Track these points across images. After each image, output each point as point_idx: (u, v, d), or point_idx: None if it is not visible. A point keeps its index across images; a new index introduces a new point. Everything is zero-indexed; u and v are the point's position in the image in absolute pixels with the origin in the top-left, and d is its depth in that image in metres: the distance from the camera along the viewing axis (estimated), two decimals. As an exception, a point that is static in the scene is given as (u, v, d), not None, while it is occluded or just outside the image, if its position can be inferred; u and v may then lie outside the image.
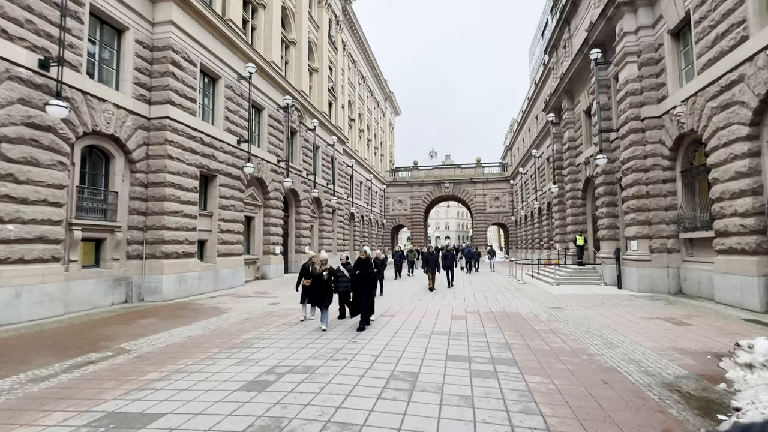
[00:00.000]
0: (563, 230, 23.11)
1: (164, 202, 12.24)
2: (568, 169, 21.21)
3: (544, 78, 29.74)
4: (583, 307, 10.29)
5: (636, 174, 13.09)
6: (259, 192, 18.87)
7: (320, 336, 7.17)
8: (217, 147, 14.91)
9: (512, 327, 7.82)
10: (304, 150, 23.66)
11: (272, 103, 19.70)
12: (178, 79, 12.90)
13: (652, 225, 12.82)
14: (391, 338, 6.83)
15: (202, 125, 14.17)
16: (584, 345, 6.40)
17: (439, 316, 9.09)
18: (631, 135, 13.27)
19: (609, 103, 16.02)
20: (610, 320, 8.41)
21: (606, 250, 15.71)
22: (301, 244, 22.94)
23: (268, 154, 19.12)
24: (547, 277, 17.54)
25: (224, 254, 15.18)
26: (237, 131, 16.29)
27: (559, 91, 21.40)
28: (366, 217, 40.67)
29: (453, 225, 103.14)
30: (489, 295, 13.05)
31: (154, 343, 6.92)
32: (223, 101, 15.58)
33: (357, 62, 39.30)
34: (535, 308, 10.22)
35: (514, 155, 47.77)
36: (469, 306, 10.65)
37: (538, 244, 33.34)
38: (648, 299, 11.31)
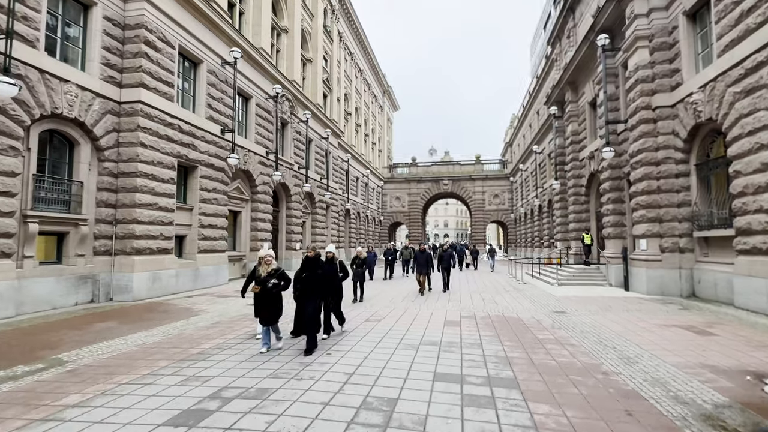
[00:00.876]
0: (565, 228, 22.19)
1: (136, 194, 11.28)
2: (570, 165, 20.27)
3: (546, 71, 28.76)
4: (589, 311, 9.37)
5: (646, 168, 12.15)
6: (246, 185, 17.91)
7: (290, 346, 6.23)
8: (197, 136, 13.93)
9: (512, 335, 6.89)
10: (296, 143, 22.68)
11: (261, 92, 18.71)
12: (153, 61, 11.92)
13: (663, 222, 11.90)
14: (372, 349, 5.90)
15: (181, 112, 13.19)
16: (597, 359, 5.47)
17: (430, 321, 8.16)
18: (642, 126, 12.33)
19: (616, 93, 15.07)
20: (622, 327, 7.49)
21: (612, 249, 14.79)
22: (292, 241, 22.01)
23: (256, 145, 18.15)
24: (549, 277, 16.62)
25: (205, 250, 14.24)
26: (221, 120, 15.31)
27: (563, 82, 20.43)
28: (362, 213, 39.73)
29: (452, 223, 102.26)
30: (487, 296, 12.13)
31: (100, 352, 5.99)
32: (205, 87, 14.60)
33: (354, 54, 38.26)
34: (537, 312, 9.30)
35: (514, 152, 46.82)
36: (465, 309, 9.73)
37: (538, 242, 32.44)
38: (659, 303, 10.39)
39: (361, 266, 11.13)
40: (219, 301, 11.30)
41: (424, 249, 12.52)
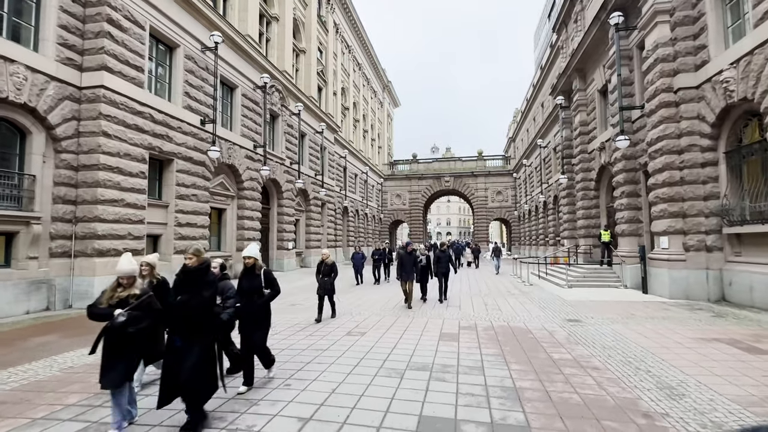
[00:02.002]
0: (572, 225, 20.92)
1: (98, 189, 10.13)
2: (578, 157, 19.00)
3: (551, 60, 27.44)
4: (608, 319, 8.15)
5: (667, 157, 10.89)
6: (231, 181, 16.75)
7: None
8: (173, 126, 12.77)
9: (521, 354, 5.68)
10: (288, 136, 21.50)
11: (247, 82, 17.53)
12: (118, 42, 10.75)
13: (687, 218, 10.64)
14: (346, 377, 4.70)
15: (153, 100, 12.02)
16: (631, 391, 4.26)
17: (423, 334, 6.97)
18: (662, 110, 11.06)
19: (630, 78, 13.78)
20: (652, 342, 6.27)
21: (626, 247, 13.53)
22: (284, 240, 20.85)
23: (242, 138, 16.97)
24: (557, 278, 15.38)
25: (183, 251, 13.05)
26: (200, 110, 14.14)
27: (570, 69, 19.13)
28: (361, 211, 38.55)
29: (454, 221, 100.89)
30: (489, 300, 10.91)
31: (11, 379, 4.84)
32: (182, 74, 13.43)
33: (351, 47, 37.02)
34: (548, 321, 8.08)
35: (518, 147, 45.48)
36: (465, 317, 8.52)
37: (543, 240, 31.17)
38: (686, 309, 9.15)
39: (328, 274, 8.32)
40: (191, 307, 10.13)
41: (412, 249, 10.00)
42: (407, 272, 9.74)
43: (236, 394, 4.21)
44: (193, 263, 3.61)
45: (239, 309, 4.38)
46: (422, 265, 10.27)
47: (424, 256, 10.41)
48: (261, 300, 4.49)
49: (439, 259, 10.85)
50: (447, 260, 10.93)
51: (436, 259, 10.91)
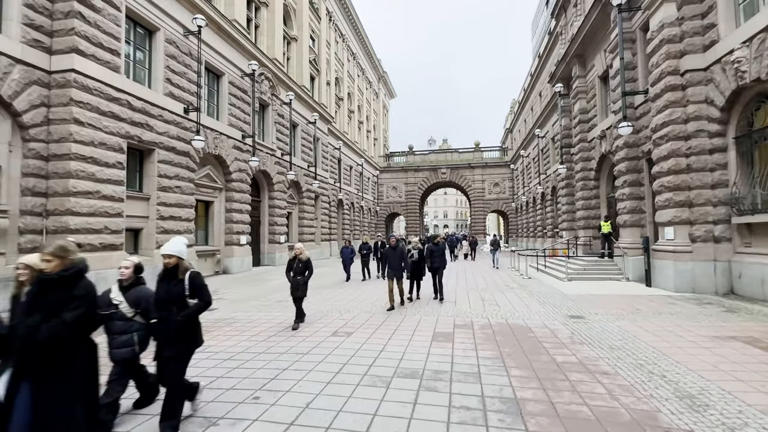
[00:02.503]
0: (571, 216, 20.45)
1: (70, 180, 9.50)
2: (578, 147, 18.45)
3: (549, 48, 26.76)
4: (612, 315, 7.65)
5: (673, 143, 10.35)
6: (219, 172, 16.12)
7: (202, 371, 4.50)
8: (154, 114, 12.11)
9: (521, 356, 5.16)
10: (278, 126, 20.82)
11: (235, 69, 16.82)
12: (90, 23, 10.05)
13: (693, 207, 10.13)
14: (324, 387, 4.17)
15: (131, 86, 11.35)
16: (648, 402, 3.75)
17: (416, 333, 6.44)
18: (668, 94, 10.50)
19: (633, 62, 13.19)
20: (663, 341, 5.76)
21: (628, 238, 13.04)
22: (276, 233, 20.28)
23: (230, 128, 16.31)
24: (556, 270, 14.91)
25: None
26: (184, 97, 13.46)
27: (569, 55, 18.51)
28: (357, 204, 37.95)
29: (452, 213, 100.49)
30: (486, 295, 10.41)
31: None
32: (163, 59, 12.73)
33: (345, 36, 36.15)
34: (549, 317, 7.58)
35: (515, 138, 44.90)
36: (461, 314, 8.00)
37: (540, 232, 30.72)
38: (694, 303, 8.67)
39: (301, 272, 7.17)
40: (172, 305, 9.57)
41: (396, 243, 8.83)
42: (394, 269, 8.52)
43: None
44: (52, 268, 2.54)
45: (152, 327, 3.39)
46: (414, 260, 9.41)
47: (415, 250, 9.56)
48: (182, 315, 3.26)
49: (432, 253, 9.76)
50: (441, 254, 9.82)
51: (429, 252, 9.80)
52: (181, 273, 3.39)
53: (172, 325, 3.24)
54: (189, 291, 3.35)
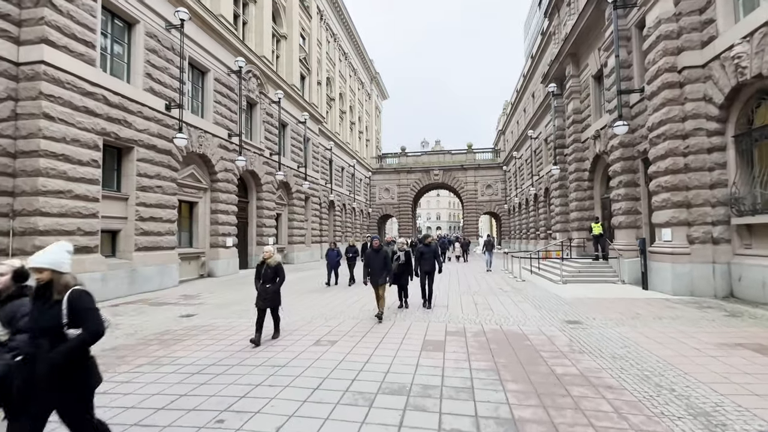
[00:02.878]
0: (565, 218, 20.20)
1: (39, 179, 8.96)
2: (572, 147, 18.20)
3: (542, 48, 26.59)
4: (611, 320, 7.29)
5: (671, 142, 10.07)
6: (204, 172, 15.58)
7: (144, 399, 4.03)
8: (132, 111, 11.58)
9: (518, 368, 4.76)
10: (267, 125, 20.32)
11: (221, 66, 16.31)
12: (62, 13, 9.52)
13: (692, 208, 9.85)
14: (299, 407, 3.71)
15: (107, 80, 10.82)
16: (659, 422, 3.36)
17: (404, 342, 6.01)
18: (665, 92, 10.22)
19: (628, 60, 12.93)
20: (668, 349, 5.40)
21: (624, 240, 12.76)
22: (264, 235, 19.75)
23: (215, 126, 15.79)
24: (551, 273, 14.58)
25: (146, 248, 11.94)
26: (166, 94, 12.94)
27: (563, 54, 18.28)
28: (349, 205, 37.47)
29: (444, 215, 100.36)
30: (480, 299, 10.02)
31: None
32: (143, 54, 12.20)
33: (337, 36, 35.74)
34: (545, 323, 7.20)
35: (508, 140, 44.76)
36: (453, 320, 7.60)
37: (533, 234, 30.52)
38: (694, 307, 8.35)
39: (271, 280, 6.25)
40: (149, 310, 9.05)
41: (379, 245, 7.90)
42: (376, 274, 7.61)
43: None
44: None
45: (19, 365, 2.40)
46: (400, 263, 8.33)
47: (402, 252, 8.43)
48: (55, 353, 2.32)
49: (423, 255, 8.81)
50: (432, 256, 8.84)
51: (419, 254, 8.87)
52: (58, 292, 2.41)
53: (38, 367, 2.32)
54: (68, 317, 2.38)
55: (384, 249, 7.92)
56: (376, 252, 7.77)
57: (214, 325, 7.41)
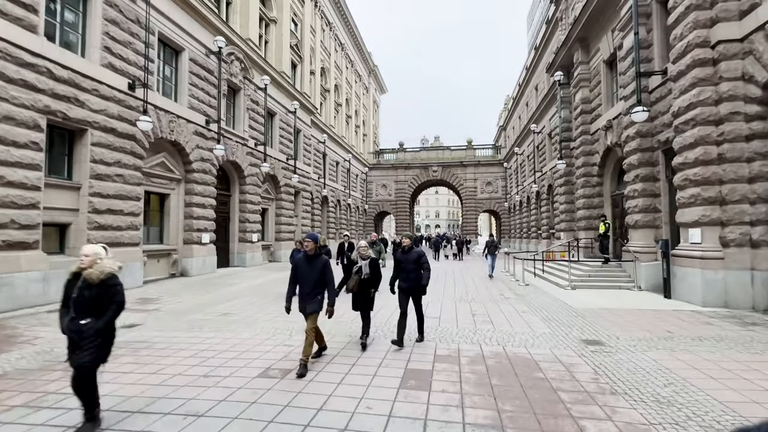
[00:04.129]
0: (570, 216, 18.87)
1: (-41, 161, 7.57)
2: (579, 140, 16.83)
3: (547, 37, 25.17)
4: (639, 340, 5.93)
5: (701, 129, 8.69)
6: (177, 161, 14.18)
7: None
8: (86, 88, 10.17)
9: (530, 422, 3.40)
10: (252, 113, 18.90)
11: (197, 45, 14.88)
12: (-7, -33, 8.11)
13: (726, 205, 8.48)
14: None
15: (54, 51, 9.40)
16: None
17: (380, 371, 4.66)
18: (695, 70, 8.83)
19: (647, 40, 11.54)
20: (731, 389, 4.04)
21: (640, 241, 11.40)
22: (248, 231, 18.37)
23: (190, 111, 14.38)
24: (557, 276, 13.23)
25: (102, 244, 10.52)
26: (128, 71, 11.52)
27: (571, 39, 16.87)
28: (344, 202, 36.09)
29: (443, 213, 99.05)
30: (478, 308, 8.66)
31: None
32: (101, 24, 10.78)
33: (333, 25, 34.26)
34: (559, 344, 5.84)
35: (509, 136, 43.38)
36: (444, 337, 6.24)
37: (535, 233, 29.18)
38: (734, 323, 7.00)
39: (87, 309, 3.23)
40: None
41: (318, 250, 5.02)
42: (306, 294, 4.78)
43: None
44: None
45: None
46: (363, 277, 5.59)
47: (365, 262, 5.64)
48: None
49: (401, 264, 5.80)
50: (415, 266, 5.73)
51: (397, 264, 5.89)
52: None
53: None
54: None
55: (323, 256, 4.97)
56: (312, 259, 4.84)
57: (150, 341, 6.04)
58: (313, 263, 4.84)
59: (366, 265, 5.66)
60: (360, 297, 5.68)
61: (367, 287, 5.64)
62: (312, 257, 4.86)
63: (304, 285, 4.81)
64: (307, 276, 4.80)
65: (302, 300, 4.82)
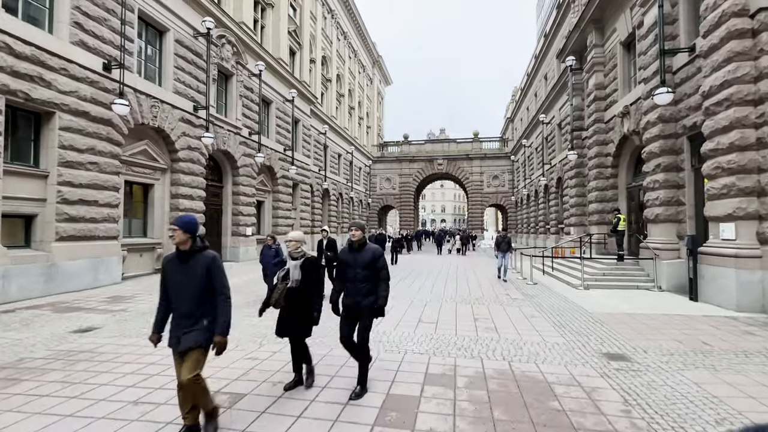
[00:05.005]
0: (581, 210, 17.83)
1: None
2: (592, 128, 15.73)
3: (558, 22, 23.92)
4: (672, 355, 4.98)
5: (737, 109, 7.64)
6: (162, 149, 13.32)
7: None
8: (53, 67, 9.30)
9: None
10: (245, 101, 17.99)
11: (184, 26, 13.96)
12: (-63, -73, 7.22)
13: (766, 196, 7.45)
14: None
15: (13, 24, 8.53)
16: None
17: (345, 412, 3.75)
18: (731, 43, 7.76)
19: (672, 15, 10.42)
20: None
21: (661, 237, 10.37)
22: (241, 224, 17.54)
23: (176, 96, 13.49)
24: (568, 274, 12.25)
25: (73, 237, 9.74)
26: (103, 50, 10.64)
27: (585, 20, 15.72)
28: (346, 195, 35.19)
29: (449, 208, 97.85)
30: (480, 311, 7.73)
31: None
32: (72, -2, 9.90)
33: (335, 12, 33.15)
34: (575, 358, 4.90)
35: (516, 128, 42.12)
36: (440, 347, 5.32)
37: (543, 228, 28.09)
38: (779, 332, 6.00)
39: None
40: (47, 319, 6.86)
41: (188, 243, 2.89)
42: (182, 316, 2.92)
43: None
44: None
45: None
46: (290, 286, 3.73)
47: (294, 262, 3.79)
48: None
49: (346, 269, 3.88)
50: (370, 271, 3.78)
51: (341, 268, 3.93)
52: None
53: None
54: None
55: (207, 253, 2.97)
56: (186, 260, 2.91)
57: (97, 351, 5.18)
58: (189, 265, 2.88)
59: (296, 267, 3.74)
60: (289, 316, 3.75)
61: (299, 301, 3.74)
62: (188, 254, 2.89)
63: (179, 301, 2.90)
64: (182, 286, 2.87)
65: (175, 327, 2.90)
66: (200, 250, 2.94)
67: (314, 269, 3.81)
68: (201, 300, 2.89)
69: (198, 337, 2.84)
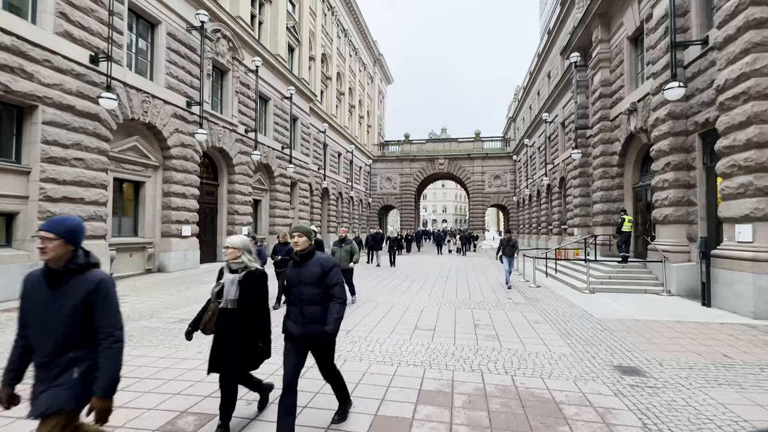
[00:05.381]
0: (585, 211, 17.37)
1: None
2: (597, 126, 15.28)
3: (561, 18, 23.44)
4: (690, 368, 4.54)
5: (755, 104, 7.19)
6: (153, 146, 12.92)
7: None
8: (35, 58, 8.90)
9: None
10: (241, 98, 17.58)
11: (176, 18, 13.55)
12: None
13: (786, 196, 7.00)
14: None
15: (-7, 13, 8.15)
16: None
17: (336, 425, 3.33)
18: (749, 33, 7.32)
19: (684, 6, 9.97)
20: None
21: (670, 238, 9.92)
22: (237, 224, 17.13)
23: (168, 91, 13.09)
24: (572, 277, 11.81)
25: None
26: (90, 42, 10.23)
27: (590, 15, 15.26)
28: (346, 194, 34.76)
29: (451, 208, 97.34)
30: (481, 317, 7.30)
31: None
32: (57, -14, 9.49)
33: (335, 9, 32.72)
34: (585, 371, 4.47)
35: (518, 127, 41.62)
36: (436, 358, 4.90)
37: (545, 228, 27.61)
38: (804, 342, 5.56)
39: None
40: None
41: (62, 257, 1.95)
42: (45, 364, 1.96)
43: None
44: None
45: None
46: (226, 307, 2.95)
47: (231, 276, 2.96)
48: None
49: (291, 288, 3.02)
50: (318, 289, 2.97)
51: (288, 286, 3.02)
52: None
53: None
54: None
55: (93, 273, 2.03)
56: (56, 285, 1.96)
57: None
58: (61, 290, 1.96)
59: (232, 283, 2.93)
60: (221, 346, 2.97)
61: (235, 328, 2.93)
62: (61, 275, 1.97)
63: (41, 340, 1.97)
64: (46, 319, 1.95)
65: (35, 379, 2.00)
66: (80, 270, 1.98)
67: (257, 286, 2.95)
68: (71, 341, 1.94)
69: (59, 396, 1.86)
